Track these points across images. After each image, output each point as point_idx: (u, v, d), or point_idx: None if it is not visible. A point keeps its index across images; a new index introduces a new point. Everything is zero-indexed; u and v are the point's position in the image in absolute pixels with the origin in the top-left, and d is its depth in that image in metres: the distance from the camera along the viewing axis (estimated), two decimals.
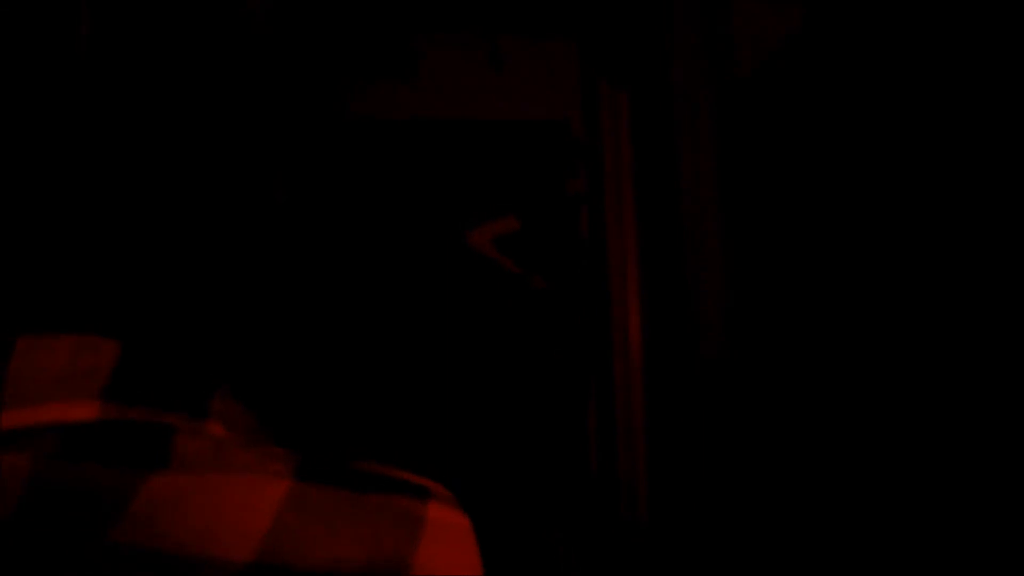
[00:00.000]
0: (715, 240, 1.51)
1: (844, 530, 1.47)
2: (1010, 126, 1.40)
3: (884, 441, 1.46)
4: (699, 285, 1.50)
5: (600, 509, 1.46)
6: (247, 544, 0.64)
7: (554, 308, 1.43)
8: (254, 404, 0.79)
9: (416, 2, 1.43)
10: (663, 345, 1.50)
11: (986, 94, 1.39)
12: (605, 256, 1.52)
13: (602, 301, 1.52)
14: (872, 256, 1.49)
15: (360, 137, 1.28)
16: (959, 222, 1.40)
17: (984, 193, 1.39)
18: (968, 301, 1.40)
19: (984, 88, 1.39)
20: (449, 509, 0.69)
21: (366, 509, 0.66)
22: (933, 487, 1.42)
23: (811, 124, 1.50)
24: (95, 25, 0.84)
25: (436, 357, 1.30)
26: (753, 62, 1.50)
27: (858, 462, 1.48)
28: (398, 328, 1.22)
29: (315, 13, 0.93)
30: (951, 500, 1.42)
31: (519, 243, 1.42)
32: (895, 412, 1.46)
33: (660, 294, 1.51)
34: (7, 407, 0.69)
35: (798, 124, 1.50)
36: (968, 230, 1.40)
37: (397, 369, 1.19)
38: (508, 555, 1.21)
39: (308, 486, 0.66)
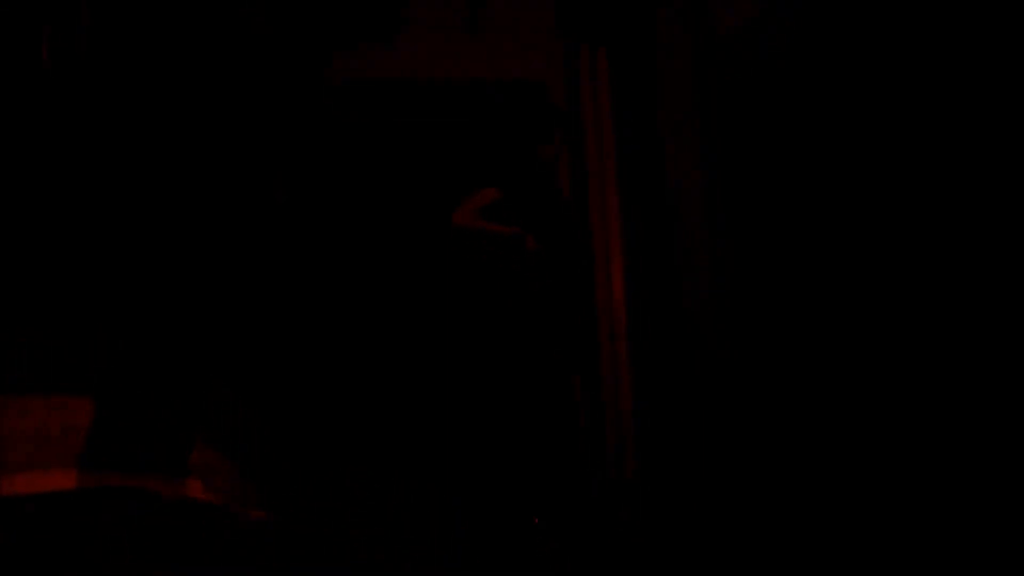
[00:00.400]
0: (697, 193, 1.51)
1: (829, 485, 1.48)
2: (985, 76, 1.40)
3: (867, 392, 1.47)
4: (682, 239, 1.51)
5: (587, 467, 1.47)
6: None
7: (548, 267, 1.43)
8: (232, 450, 0.77)
9: None
10: (647, 300, 1.51)
11: (958, 52, 1.39)
12: (587, 214, 1.53)
13: (586, 260, 1.52)
14: (848, 201, 1.49)
15: (340, 100, 1.28)
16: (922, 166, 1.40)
17: (963, 141, 1.39)
18: (950, 242, 1.40)
19: (956, 46, 1.39)
20: None
21: None
22: (922, 437, 1.42)
23: (789, 80, 1.50)
24: (96, 26, 0.85)
25: (437, 333, 1.29)
26: (731, 19, 1.50)
27: (843, 414, 1.48)
28: (395, 316, 1.21)
29: None
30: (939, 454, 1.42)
31: (504, 209, 1.42)
32: (877, 363, 1.46)
33: (643, 250, 1.52)
34: None
35: (776, 81, 1.50)
36: (945, 173, 1.40)
37: (395, 357, 1.18)
38: (497, 518, 1.22)
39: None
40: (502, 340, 1.34)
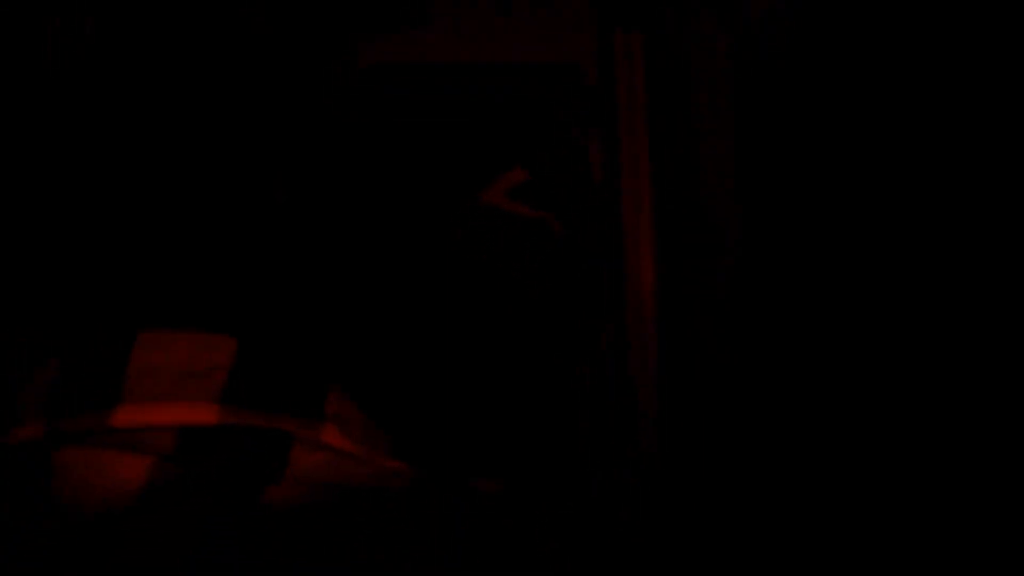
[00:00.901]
0: (730, 178, 1.51)
1: (861, 462, 1.47)
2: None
3: (899, 375, 1.46)
4: (713, 223, 1.51)
5: (614, 446, 1.48)
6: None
7: (572, 249, 1.43)
8: (364, 402, 0.78)
9: None
10: (678, 284, 1.51)
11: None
12: (619, 198, 1.53)
13: (616, 243, 1.53)
14: (888, 190, 1.48)
15: (370, 83, 1.30)
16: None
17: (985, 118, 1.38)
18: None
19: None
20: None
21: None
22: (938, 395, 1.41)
23: (822, 64, 1.49)
24: (98, 27, 0.87)
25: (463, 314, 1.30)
26: (764, 2, 1.49)
27: (877, 393, 1.48)
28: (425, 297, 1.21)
29: None
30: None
31: (532, 191, 1.42)
32: (909, 347, 1.45)
33: (675, 234, 1.52)
34: (126, 402, 0.70)
35: (809, 64, 1.49)
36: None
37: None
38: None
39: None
40: (523, 322, 1.35)
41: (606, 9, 1.54)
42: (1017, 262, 1.41)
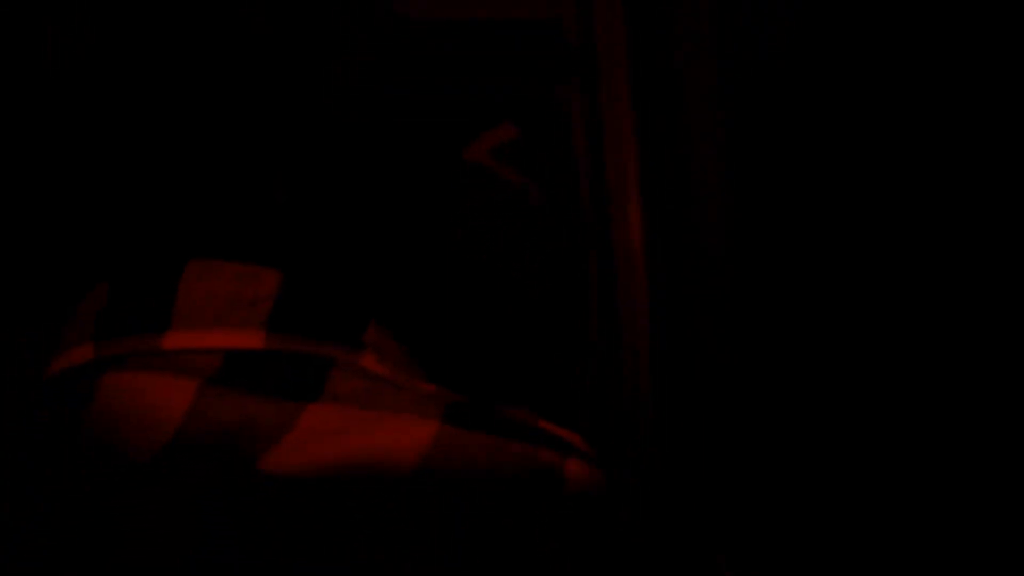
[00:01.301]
0: (714, 136, 1.48)
1: (859, 460, 1.47)
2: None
3: (885, 343, 1.45)
4: (699, 181, 1.48)
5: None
6: (396, 474, 0.65)
7: (552, 223, 1.39)
8: (400, 334, 0.80)
9: None
10: (665, 246, 1.48)
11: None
12: (603, 156, 1.50)
13: (601, 206, 1.49)
14: (876, 166, 1.47)
15: (354, 40, 1.24)
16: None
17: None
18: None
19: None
20: (587, 466, 0.71)
21: (509, 459, 0.68)
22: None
23: (809, 21, 1.47)
24: (98, 28, 0.83)
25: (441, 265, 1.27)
26: None
27: (865, 358, 1.47)
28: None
29: None
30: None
31: (517, 152, 1.38)
32: (897, 317, 1.45)
33: (661, 193, 1.49)
34: (174, 327, 0.72)
35: (796, 21, 1.47)
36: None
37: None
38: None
39: (455, 430, 0.68)
40: (499, 289, 1.31)
41: None
42: (1002, 252, 1.41)
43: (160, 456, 0.67)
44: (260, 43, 0.89)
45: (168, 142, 0.83)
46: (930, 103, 1.44)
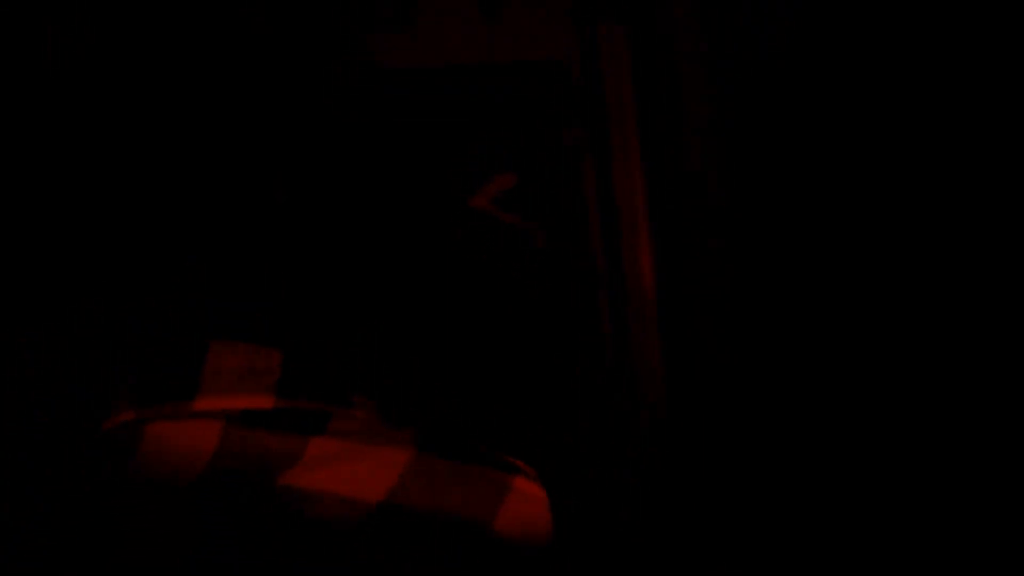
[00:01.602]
0: (718, 173, 1.50)
1: (860, 460, 1.46)
2: None
3: (892, 341, 1.45)
4: (705, 220, 1.50)
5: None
6: (379, 491, 0.84)
7: (556, 265, 1.42)
8: (382, 403, 0.96)
9: None
10: (675, 283, 1.50)
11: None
12: (614, 196, 1.51)
13: (613, 241, 1.51)
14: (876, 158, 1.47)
15: (356, 90, 1.28)
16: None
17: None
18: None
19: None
20: (531, 483, 0.91)
21: (468, 476, 0.87)
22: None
23: (806, 55, 1.48)
24: (99, 28, 0.88)
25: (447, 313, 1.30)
26: None
27: (873, 359, 1.47)
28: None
29: None
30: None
31: (521, 199, 1.40)
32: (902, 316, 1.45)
33: (671, 229, 1.50)
34: (203, 393, 0.89)
35: (793, 55, 1.48)
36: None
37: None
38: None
39: (426, 456, 0.87)
40: (502, 332, 1.34)
41: (588, 3, 1.52)
42: (995, 249, 1.40)
43: (196, 483, 0.84)
44: (260, 43, 0.95)
45: (168, 142, 0.91)
46: (930, 103, 1.44)
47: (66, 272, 0.95)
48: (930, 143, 1.43)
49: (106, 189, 0.92)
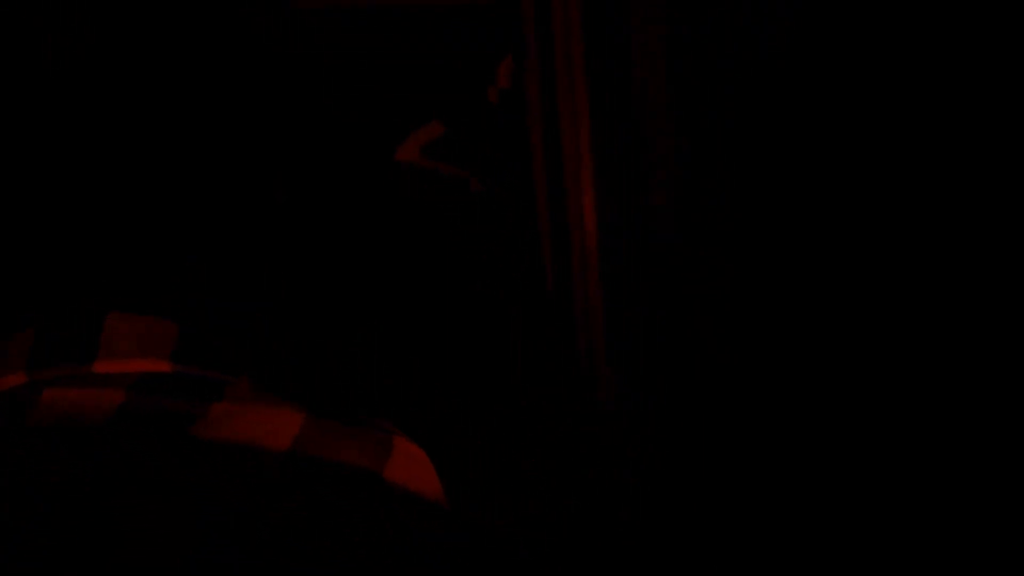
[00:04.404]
0: (663, 107, 1.37)
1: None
2: None
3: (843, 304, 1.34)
4: (649, 156, 1.39)
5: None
6: (284, 442, 0.88)
7: (494, 208, 1.37)
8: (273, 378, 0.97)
9: None
10: (618, 231, 1.41)
11: None
12: (559, 129, 1.43)
13: (558, 189, 1.43)
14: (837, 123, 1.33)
15: (273, 30, 1.27)
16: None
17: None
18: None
19: None
20: (409, 443, 0.94)
21: (354, 434, 0.91)
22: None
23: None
24: (98, 28, 0.91)
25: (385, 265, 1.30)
26: None
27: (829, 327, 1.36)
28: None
29: None
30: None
31: (449, 147, 1.36)
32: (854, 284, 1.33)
33: (614, 178, 1.41)
34: (100, 357, 0.91)
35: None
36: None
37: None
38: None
39: (315, 418, 0.91)
40: (444, 281, 1.32)
41: None
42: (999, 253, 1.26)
43: (104, 428, 0.87)
44: (260, 44, 0.96)
45: (168, 142, 0.94)
46: (930, 103, 1.28)
47: (66, 272, 1.00)
48: (931, 144, 1.28)
49: (105, 189, 0.96)
